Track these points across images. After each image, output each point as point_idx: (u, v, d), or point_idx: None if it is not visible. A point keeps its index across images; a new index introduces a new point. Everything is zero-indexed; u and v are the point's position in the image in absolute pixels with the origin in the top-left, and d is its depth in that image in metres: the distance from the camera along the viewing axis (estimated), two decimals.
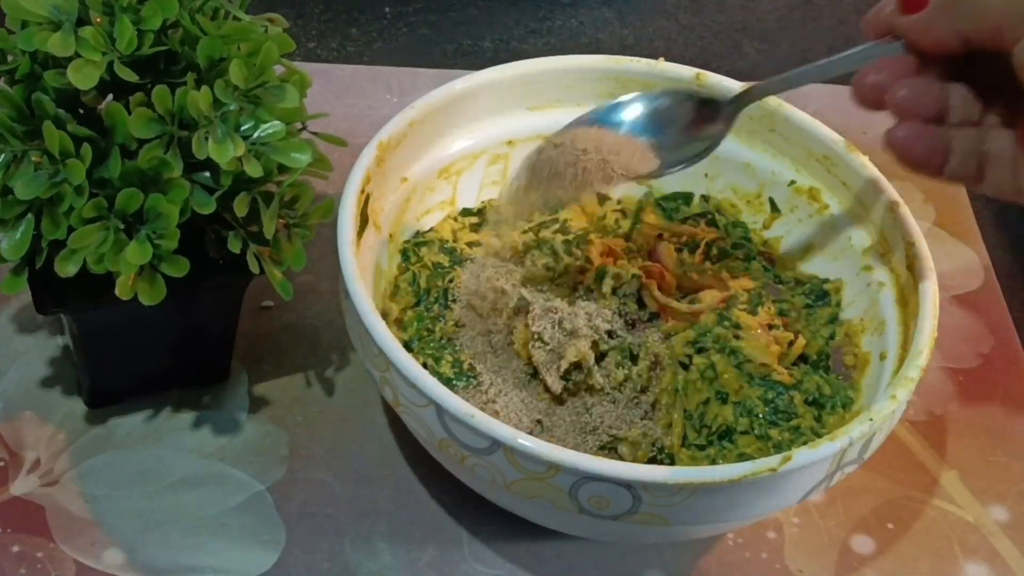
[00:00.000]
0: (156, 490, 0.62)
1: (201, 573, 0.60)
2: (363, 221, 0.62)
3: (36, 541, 0.60)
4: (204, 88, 0.54)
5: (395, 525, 0.62)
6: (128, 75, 0.54)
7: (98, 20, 0.55)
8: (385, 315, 0.60)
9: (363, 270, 0.58)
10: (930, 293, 0.60)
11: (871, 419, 0.54)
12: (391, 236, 0.66)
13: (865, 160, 0.66)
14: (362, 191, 0.61)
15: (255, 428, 0.66)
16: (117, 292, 0.55)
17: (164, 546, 0.60)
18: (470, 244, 0.67)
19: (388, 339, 0.55)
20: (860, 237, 0.66)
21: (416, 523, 0.63)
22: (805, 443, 0.58)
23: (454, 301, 0.64)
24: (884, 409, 0.55)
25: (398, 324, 0.63)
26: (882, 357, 0.62)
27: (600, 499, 0.53)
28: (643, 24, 0.99)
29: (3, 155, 0.54)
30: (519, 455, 0.52)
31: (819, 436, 0.59)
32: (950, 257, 0.79)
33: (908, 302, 0.62)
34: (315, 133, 0.61)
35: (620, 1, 1.00)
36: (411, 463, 0.65)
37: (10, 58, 0.57)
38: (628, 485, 0.52)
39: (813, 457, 0.53)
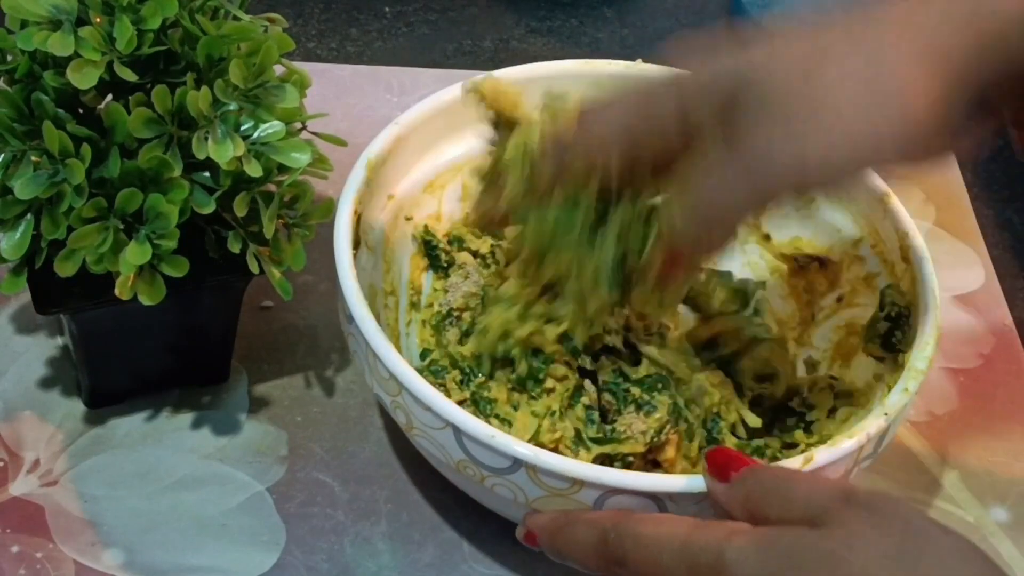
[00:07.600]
0: (156, 490, 0.62)
1: (201, 573, 0.59)
2: (355, 241, 0.61)
3: (36, 541, 0.60)
4: (204, 88, 0.54)
5: (395, 525, 0.62)
6: (128, 75, 0.54)
7: (98, 20, 0.55)
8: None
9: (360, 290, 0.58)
10: (929, 283, 0.60)
11: (886, 414, 0.54)
12: (383, 254, 0.65)
13: None
14: (355, 211, 0.61)
15: (255, 428, 0.65)
16: (117, 292, 0.55)
17: (164, 546, 0.60)
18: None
19: (398, 363, 0.54)
20: (849, 229, 0.66)
21: (415, 524, 0.63)
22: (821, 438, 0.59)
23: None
24: (898, 403, 0.55)
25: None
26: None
27: None
28: (643, 24, 0.99)
29: (3, 155, 0.54)
30: (542, 472, 0.52)
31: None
32: (950, 257, 0.79)
33: (905, 293, 0.62)
34: (315, 133, 0.61)
35: (620, 1, 1.00)
36: (411, 464, 0.65)
37: (10, 58, 0.57)
38: (654, 496, 0.51)
39: (833, 456, 0.53)
